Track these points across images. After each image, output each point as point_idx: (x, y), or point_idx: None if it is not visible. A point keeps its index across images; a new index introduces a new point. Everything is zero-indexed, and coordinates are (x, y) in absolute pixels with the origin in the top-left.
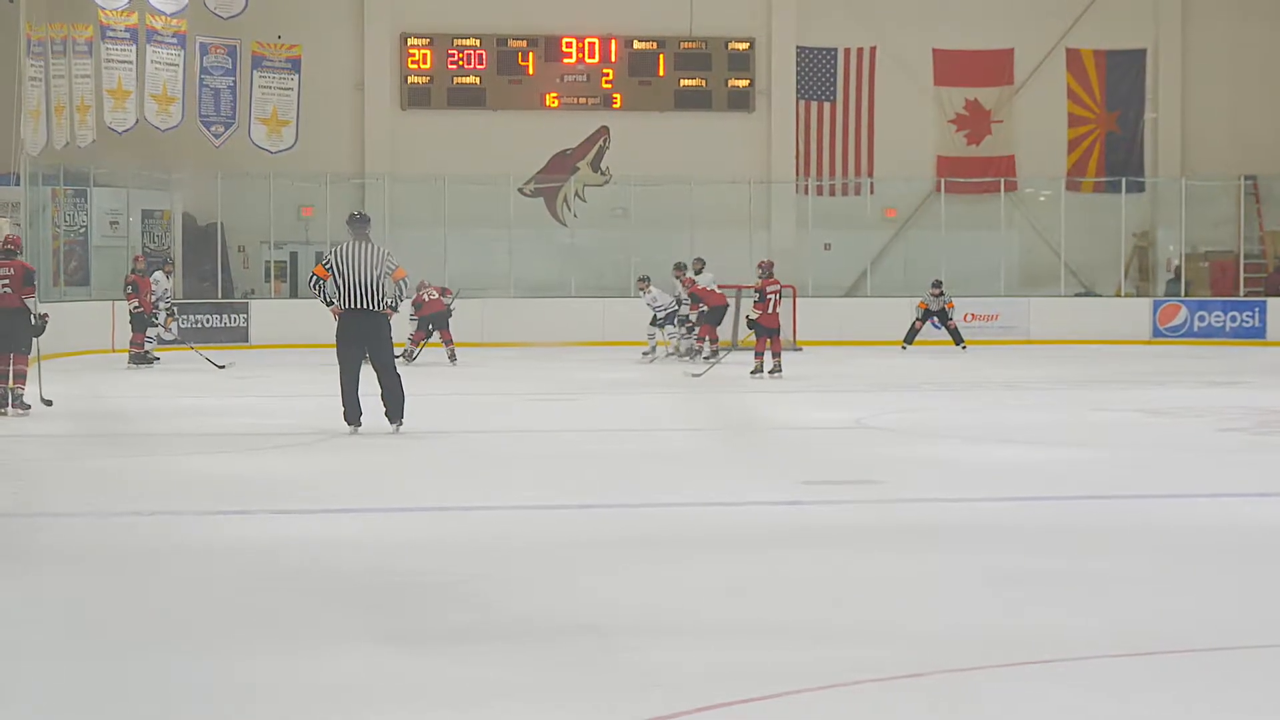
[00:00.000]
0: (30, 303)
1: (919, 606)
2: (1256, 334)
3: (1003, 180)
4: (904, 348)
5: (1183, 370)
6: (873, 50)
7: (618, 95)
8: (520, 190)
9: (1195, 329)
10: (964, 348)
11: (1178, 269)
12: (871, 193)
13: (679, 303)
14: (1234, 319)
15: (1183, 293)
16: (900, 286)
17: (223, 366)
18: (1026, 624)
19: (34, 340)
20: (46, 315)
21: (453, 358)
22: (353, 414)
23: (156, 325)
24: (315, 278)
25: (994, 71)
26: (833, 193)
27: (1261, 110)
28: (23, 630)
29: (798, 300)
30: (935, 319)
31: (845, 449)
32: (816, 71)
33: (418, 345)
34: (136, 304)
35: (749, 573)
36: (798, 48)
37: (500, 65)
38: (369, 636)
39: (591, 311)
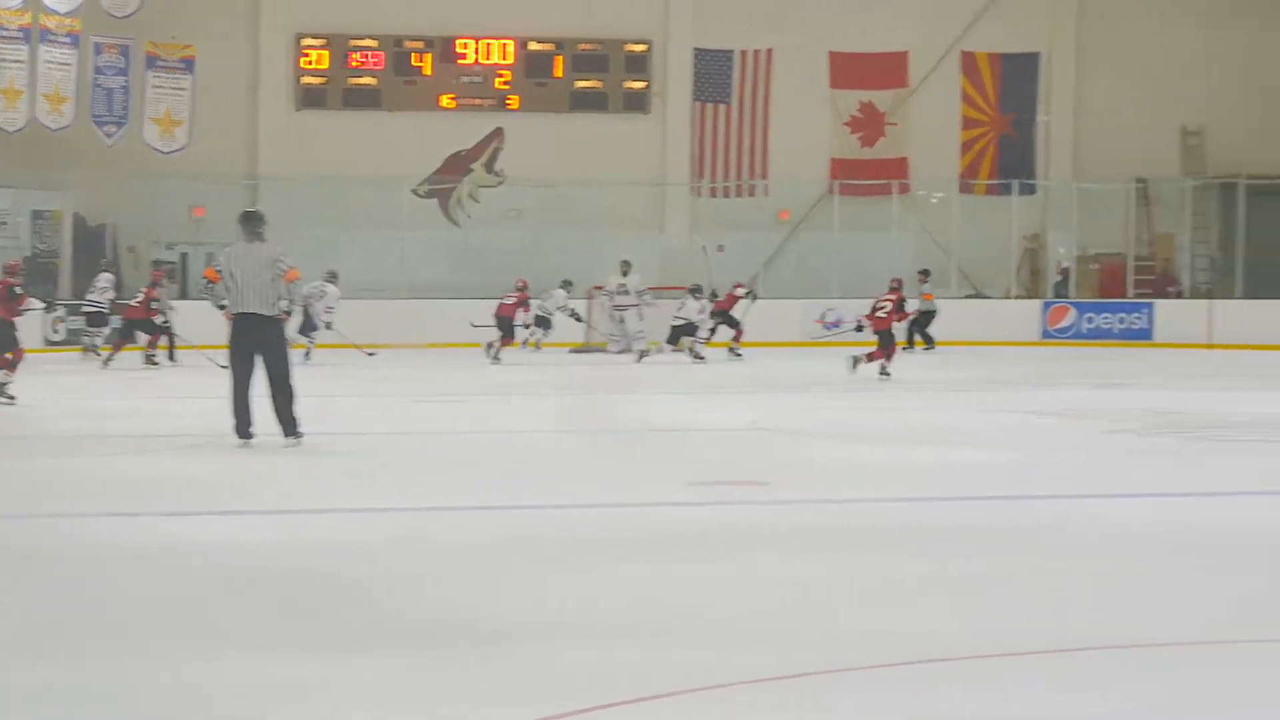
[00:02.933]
0: None
1: (809, 608)
2: (1144, 335)
3: (896, 182)
4: (929, 347)
5: (1072, 372)
6: (769, 53)
7: (513, 97)
8: (414, 191)
9: (1084, 330)
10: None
11: (1066, 271)
12: (766, 194)
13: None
14: (1122, 321)
15: (1072, 294)
16: (793, 288)
17: (224, 366)
18: (916, 625)
19: None
20: None
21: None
22: (243, 426)
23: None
24: (205, 281)
25: (889, 74)
26: (727, 194)
27: (1152, 114)
28: None
29: None
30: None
31: (738, 450)
32: (712, 74)
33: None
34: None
35: (641, 574)
36: (694, 50)
37: (396, 66)
38: (270, 638)
39: (484, 312)
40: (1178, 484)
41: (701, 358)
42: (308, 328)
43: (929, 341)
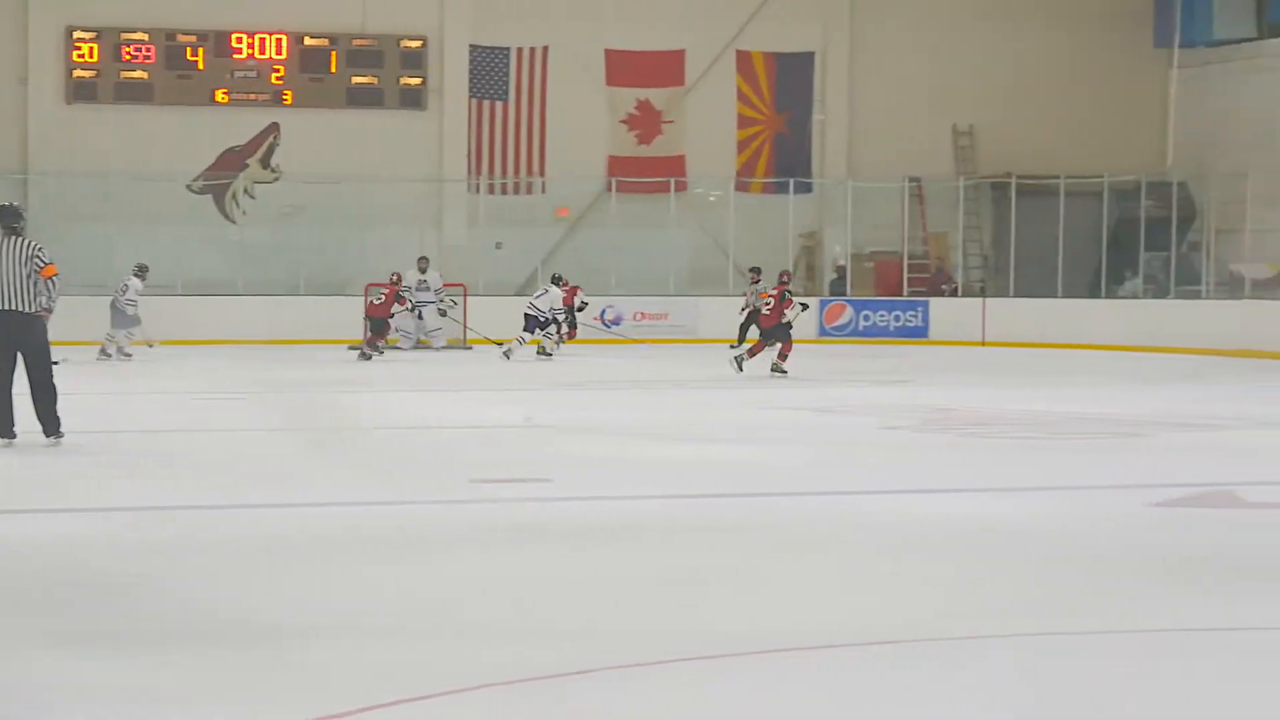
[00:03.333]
0: None
1: (582, 605)
2: (919, 333)
3: (673, 180)
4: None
5: (848, 369)
6: (545, 50)
7: (289, 92)
8: (188, 187)
9: (860, 328)
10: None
11: (842, 269)
12: (543, 191)
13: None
14: (898, 318)
15: (848, 292)
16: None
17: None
18: (693, 622)
19: None
20: None
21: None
22: (4, 425)
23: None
24: None
25: (665, 72)
26: (504, 191)
27: (925, 114)
28: None
29: (469, 299)
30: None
31: (514, 447)
32: (489, 70)
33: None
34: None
35: (419, 572)
36: (470, 46)
37: (169, 60)
38: (38, 639)
39: (259, 310)
40: (950, 480)
41: (550, 354)
42: (118, 323)
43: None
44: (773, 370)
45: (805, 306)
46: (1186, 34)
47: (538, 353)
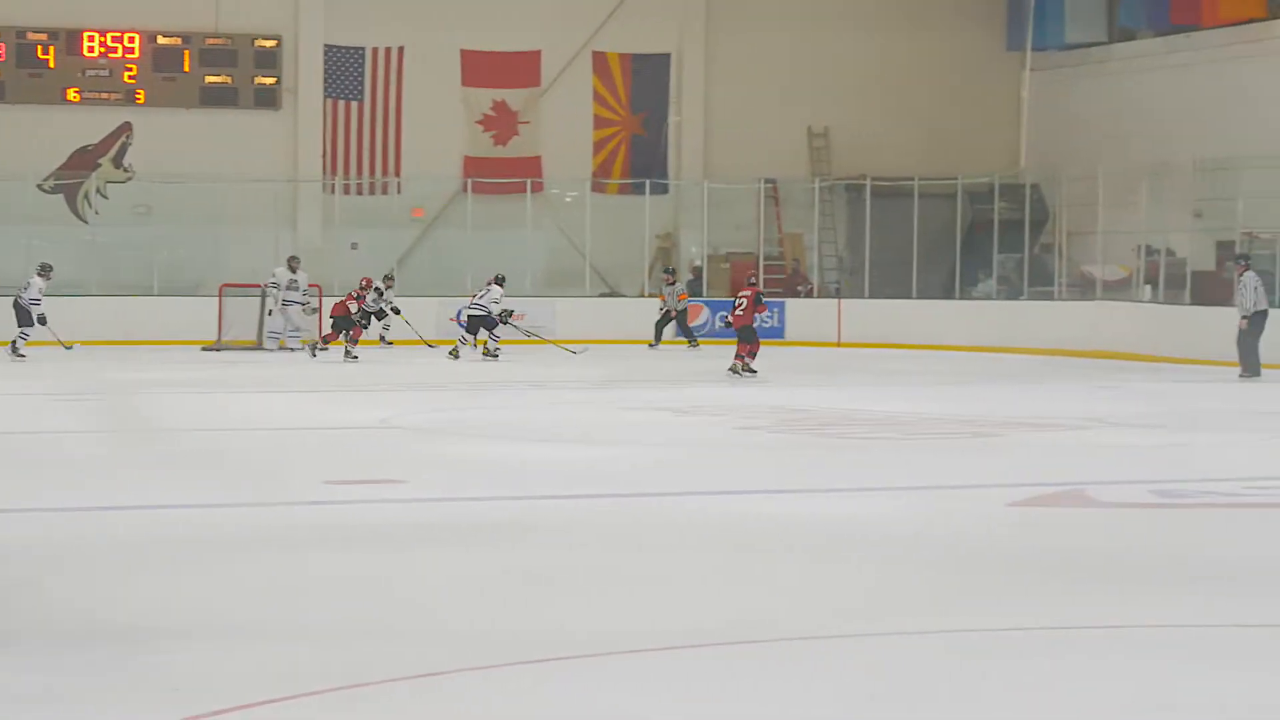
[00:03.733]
0: None
1: (445, 606)
2: (776, 334)
3: (529, 181)
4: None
5: (705, 369)
6: (400, 50)
7: (141, 91)
8: (39, 186)
9: (717, 329)
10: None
11: (698, 270)
12: (399, 192)
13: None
14: (754, 319)
15: (704, 294)
16: (428, 285)
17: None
18: (542, 622)
19: None
20: None
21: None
22: None
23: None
24: None
25: (521, 73)
26: (360, 191)
27: (780, 116)
28: None
29: (324, 299)
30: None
31: (370, 449)
32: (344, 70)
33: None
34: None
35: (277, 573)
36: (325, 46)
37: (19, 58)
38: None
39: (112, 310)
40: (804, 481)
41: (495, 355)
42: (23, 321)
43: (692, 341)
44: (738, 370)
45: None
46: (1039, 38)
47: (484, 354)
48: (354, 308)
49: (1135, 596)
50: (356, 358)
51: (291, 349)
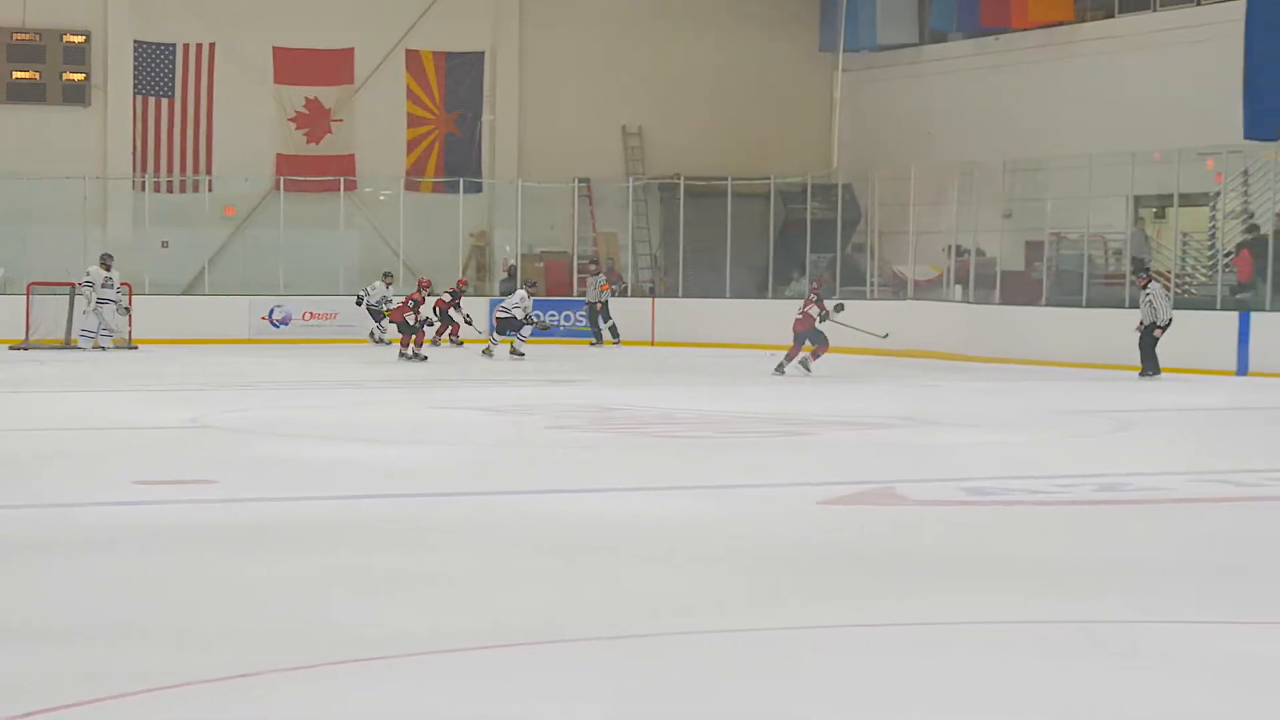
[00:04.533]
0: None
1: (262, 606)
2: (589, 333)
3: (343, 179)
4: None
5: (517, 368)
6: (211, 47)
7: None
8: None
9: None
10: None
11: (513, 268)
12: (210, 190)
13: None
14: (568, 319)
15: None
16: (239, 284)
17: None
18: (359, 621)
19: None
20: None
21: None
22: None
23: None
24: None
25: (334, 71)
26: (171, 189)
27: (595, 115)
28: None
29: (135, 297)
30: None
31: (181, 449)
32: (154, 67)
33: None
34: None
35: (88, 575)
36: (135, 42)
37: None
38: None
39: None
40: (616, 479)
41: (522, 354)
42: None
43: (614, 334)
44: (801, 364)
45: (841, 307)
46: (851, 39)
47: (510, 353)
48: (431, 311)
49: (943, 593)
50: (426, 358)
51: (103, 348)
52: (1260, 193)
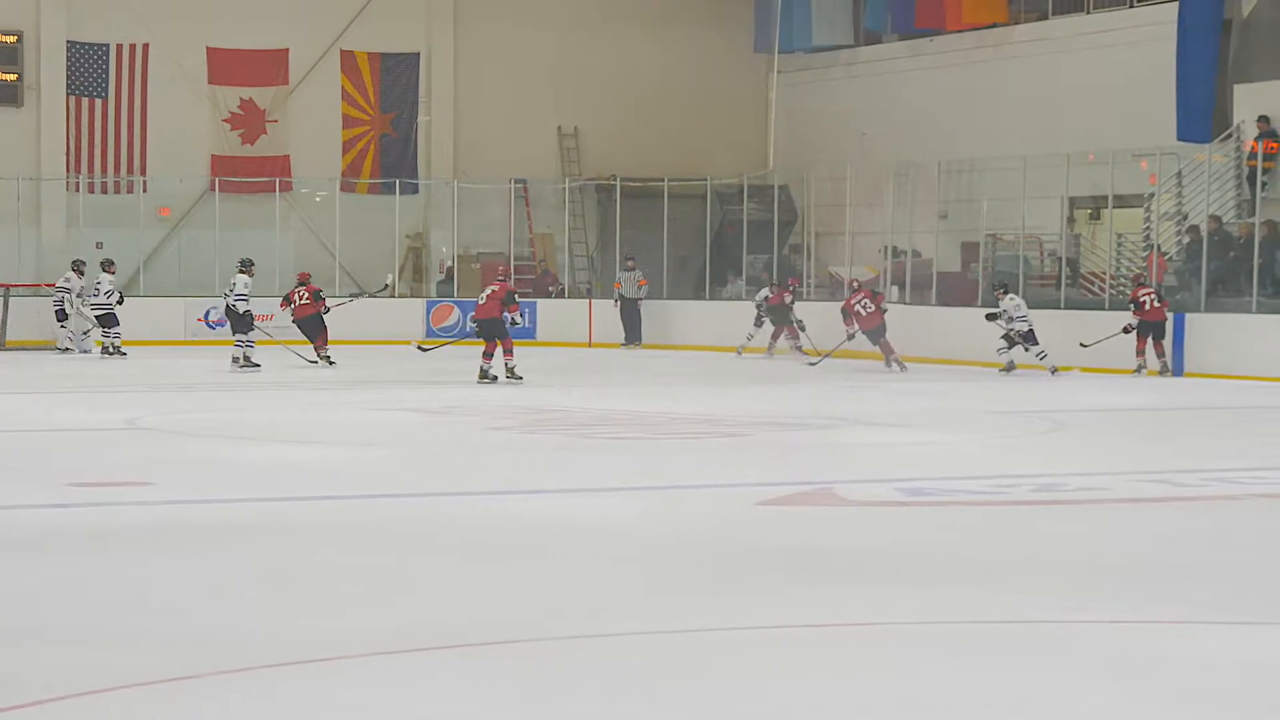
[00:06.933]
0: None
1: (197, 609)
2: (527, 335)
3: (278, 180)
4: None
5: (454, 370)
6: (145, 47)
7: None
8: None
9: (469, 329)
10: None
11: (449, 270)
12: (145, 191)
13: None
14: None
15: (455, 293)
16: (175, 285)
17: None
18: (294, 623)
19: None
20: None
21: None
22: None
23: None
24: None
25: (269, 71)
26: (105, 190)
27: (530, 116)
28: None
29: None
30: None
31: (116, 450)
32: (87, 67)
33: None
34: None
35: (24, 577)
36: (68, 42)
37: None
38: None
39: None
40: (554, 481)
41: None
42: None
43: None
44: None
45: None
46: (786, 40)
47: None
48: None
49: (883, 593)
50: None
51: (69, 349)
52: (1194, 194)
